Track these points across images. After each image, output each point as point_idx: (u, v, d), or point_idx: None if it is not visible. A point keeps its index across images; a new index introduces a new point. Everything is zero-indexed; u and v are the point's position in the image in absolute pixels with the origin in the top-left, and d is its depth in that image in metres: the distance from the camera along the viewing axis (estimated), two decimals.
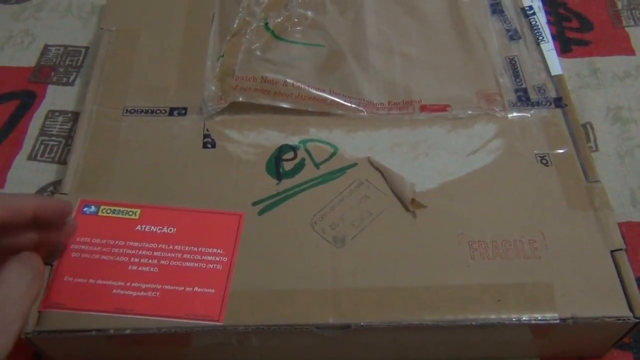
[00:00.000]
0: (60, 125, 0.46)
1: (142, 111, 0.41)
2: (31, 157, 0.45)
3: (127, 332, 0.32)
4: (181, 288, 0.33)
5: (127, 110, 0.41)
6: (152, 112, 0.41)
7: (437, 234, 0.35)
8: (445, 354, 0.36)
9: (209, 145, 0.39)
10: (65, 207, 0.32)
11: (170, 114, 0.41)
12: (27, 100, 0.48)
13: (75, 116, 0.46)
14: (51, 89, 0.48)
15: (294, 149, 0.39)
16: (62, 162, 0.44)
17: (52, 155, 0.45)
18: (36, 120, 0.47)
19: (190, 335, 0.32)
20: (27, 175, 0.44)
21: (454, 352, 0.36)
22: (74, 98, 0.48)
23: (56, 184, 0.43)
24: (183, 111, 0.41)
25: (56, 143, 0.45)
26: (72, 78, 0.49)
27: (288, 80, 0.40)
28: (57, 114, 0.47)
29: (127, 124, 0.40)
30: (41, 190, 0.43)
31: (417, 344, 0.35)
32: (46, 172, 0.44)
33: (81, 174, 0.37)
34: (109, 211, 0.36)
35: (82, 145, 0.39)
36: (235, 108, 0.40)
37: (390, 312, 0.32)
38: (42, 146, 0.45)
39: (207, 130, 0.40)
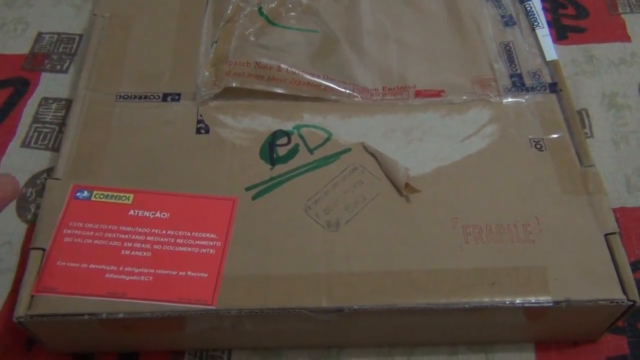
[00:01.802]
0: (53, 112, 0.46)
1: (135, 97, 0.40)
2: (24, 144, 0.44)
3: (120, 316, 0.31)
4: (174, 272, 0.33)
5: (120, 96, 0.40)
6: (145, 97, 0.40)
7: (431, 219, 0.35)
8: (439, 338, 0.36)
9: (203, 131, 0.39)
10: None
11: (164, 99, 0.40)
12: (21, 88, 0.47)
13: (69, 103, 0.46)
14: (45, 77, 0.48)
15: (287, 134, 0.39)
16: (56, 149, 0.44)
17: (46, 142, 0.44)
18: (30, 108, 0.46)
19: (183, 319, 0.32)
20: (21, 162, 0.43)
21: (448, 336, 0.36)
22: (68, 85, 0.48)
23: (50, 171, 0.43)
24: (176, 97, 0.40)
25: (50, 130, 0.45)
26: (65, 65, 0.49)
27: (282, 65, 0.40)
28: (50, 101, 0.47)
29: (120, 110, 0.40)
30: (34, 177, 0.43)
31: (410, 327, 0.35)
32: (40, 159, 0.43)
33: (74, 159, 0.37)
34: (101, 196, 0.36)
35: (75, 131, 0.39)
36: (228, 94, 0.40)
37: (384, 296, 0.32)
38: (36, 133, 0.45)
39: (201, 115, 0.39)
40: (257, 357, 0.36)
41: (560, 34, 0.51)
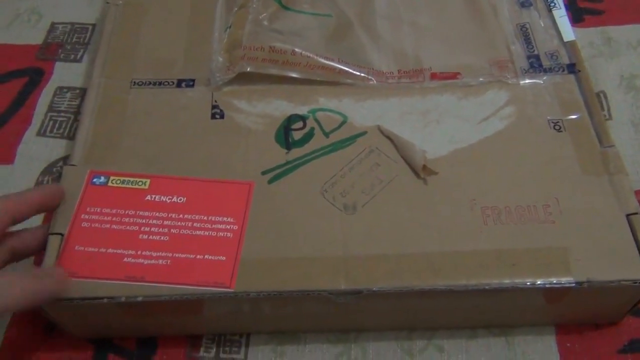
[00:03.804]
0: (68, 101, 0.46)
1: (149, 83, 0.40)
2: (40, 132, 0.45)
3: (139, 299, 0.31)
4: (192, 256, 0.33)
5: (134, 82, 0.40)
6: (159, 84, 0.40)
7: (449, 201, 0.35)
8: (458, 321, 0.36)
9: (218, 116, 0.39)
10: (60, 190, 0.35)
11: (178, 85, 0.40)
12: (35, 77, 0.48)
13: (83, 92, 0.46)
14: (59, 66, 0.48)
15: (303, 118, 0.39)
16: (72, 137, 0.44)
17: (61, 130, 0.45)
18: (45, 97, 0.47)
19: (202, 302, 0.32)
20: (37, 151, 0.44)
21: (467, 320, 0.36)
22: (82, 74, 0.48)
23: (66, 159, 0.43)
24: (191, 83, 0.40)
25: (65, 119, 0.45)
26: (79, 55, 0.49)
27: (296, 49, 0.40)
28: (65, 90, 0.47)
29: (135, 96, 0.40)
30: (50, 166, 0.43)
31: (429, 310, 0.34)
32: (56, 148, 0.44)
33: (90, 145, 0.37)
34: (118, 182, 0.36)
35: (90, 118, 0.39)
36: (243, 79, 0.40)
37: (402, 278, 0.32)
38: (51, 122, 0.45)
39: (215, 101, 0.39)
40: (275, 341, 0.36)
41: (577, 17, 0.50)
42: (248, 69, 0.39)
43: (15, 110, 0.46)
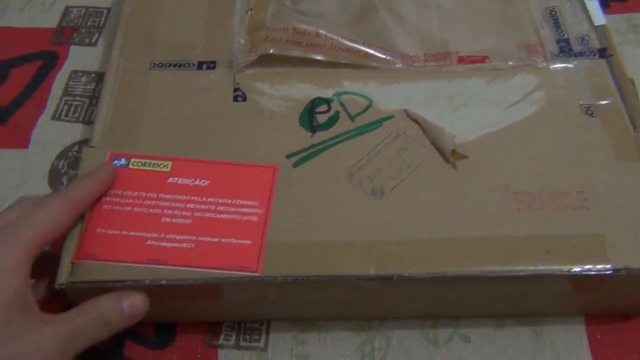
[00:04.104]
0: (83, 85, 0.45)
1: (170, 65, 0.39)
2: (55, 116, 0.44)
3: (163, 282, 0.31)
4: (216, 239, 0.32)
5: (154, 64, 0.39)
6: (180, 66, 0.39)
7: (480, 186, 0.34)
8: (485, 310, 0.35)
9: (240, 99, 0.38)
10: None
11: (199, 67, 0.39)
12: (50, 61, 0.47)
13: (98, 76, 0.45)
14: (73, 50, 0.47)
15: (327, 101, 0.38)
16: (87, 122, 0.43)
17: (77, 115, 0.44)
18: (59, 81, 0.46)
19: (226, 286, 0.31)
20: (52, 135, 0.43)
21: (495, 308, 0.35)
22: (97, 58, 0.47)
23: (81, 143, 0.42)
24: (212, 65, 0.39)
25: (80, 103, 0.44)
26: (94, 39, 0.48)
27: (321, 31, 0.39)
28: (80, 74, 0.46)
29: (155, 78, 0.39)
30: (66, 150, 0.42)
31: (457, 298, 0.34)
32: (71, 132, 0.43)
33: (110, 127, 0.36)
34: (139, 164, 0.35)
35: (109, 100, 0.38)
36: (265, 61, 0.39)
37: (433, 264, 0.31)
38: (66, 106, 0.44)
39: (237, 83, 0.38)
40: (296, 328, 0.35)
41: (603, 3, 0.49)
42: (271, 51, 0.39)
43: (30, 94, 0.45)
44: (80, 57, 0.47)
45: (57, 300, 0.32)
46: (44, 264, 0.30)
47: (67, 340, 0.27)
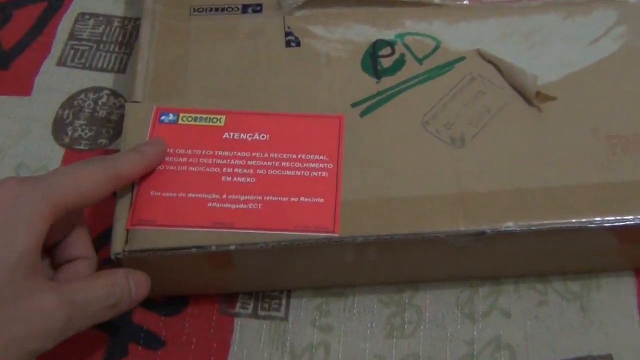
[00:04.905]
0: (91, 29, 0.42)
1: (211, 9, 0.36)
2: (60, 62, 0.40)
3: (232, 247, 0.28)
4: (285, 199, 0.29)
5: (194, 9, 0.36)
6: (222, 10, 0.36)
7: (568, 130, 0.31)
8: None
9: (293, 44, 0.34)
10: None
11: (244, 11, 0.35)
12: (55, 2, 0.43)
13: (107, 19, 0.42)
14: None
15: (390, 44, 0.34)
16: (94, 68, 0.40)
17: (83, 60, 0.40)
18: (65, 23, 0.42)
19: (298, 250, 0.28)
20: (56, 82, 0.40)
21: (599, 262, 0.32)
22: (106, 0, 0.43)
23: (87, 92, 0.39)
24: (258, 7, 0.36)
25: (87, 48, 0.41)
26: None
27: None
28: (87, 17, 0.42)
29: (197, 24, 0.35)
30: (71, 98, 0.39)
31: (557, 254, 0.31)
32: (77, 79, 0.40)
33: (152, 80, 0.33)
34: (190, 119, 0.32)
35: (148, 49, 0.34)
36: (316, 1, 0.35)
37: (528, 216, 0.28)
38: (72, 51, 0.41)
39: (288, 27, 0.35)
40: (320, 296, 0.32)
41: None
42: None
43: (33, 38, 0.41)
44: None
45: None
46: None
47: (68, 315, 0.24)
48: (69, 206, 0.25)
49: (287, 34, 0.35)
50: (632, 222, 0.28)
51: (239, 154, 0.30)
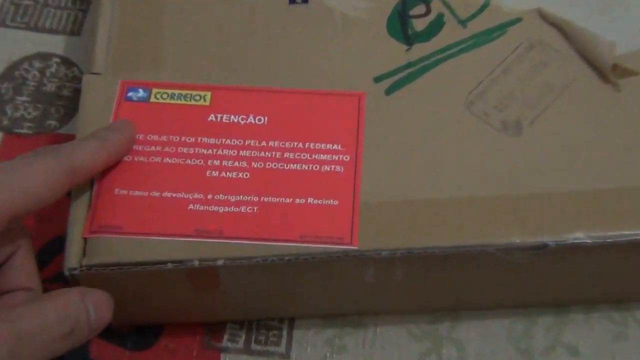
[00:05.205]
0: None
1: None
2: None
3: (219, 263, 0.27)
4: (288, 200, 0.29)
5: None
6: None
7: None
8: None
9: (299, 0, 0.34)
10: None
11: None
12: None
13: None
14: None
15: (425, 1, 0.35)
16: (40, 29, 0.41)
17: (26, 19, 0.41)
18: None
19: (306, 266, 0.28)
20: None
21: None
22: None
23: (32, 59, 0.40)
24: None
25: (31, 3, 0.42)
26: None
27: None
28: None
29: None
30: (12, 68, 0.40)
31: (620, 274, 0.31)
32: (19, 43, 0.40)
33: (116, 46, 0.33)
34: (165, 96, 0.32)
35: (112, 6, 0.34)
36: None
37: (603, 224, 0.28)
38: (13, 7, 0.42)
39: None
40: (331, 327, 0.33)
41: None
42: None
43: None
44: None
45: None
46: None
47: (10, 348, 0.23)
48: (13, 214, 0.24)
49: None
50: None
51: (228, 141, 0.31)
